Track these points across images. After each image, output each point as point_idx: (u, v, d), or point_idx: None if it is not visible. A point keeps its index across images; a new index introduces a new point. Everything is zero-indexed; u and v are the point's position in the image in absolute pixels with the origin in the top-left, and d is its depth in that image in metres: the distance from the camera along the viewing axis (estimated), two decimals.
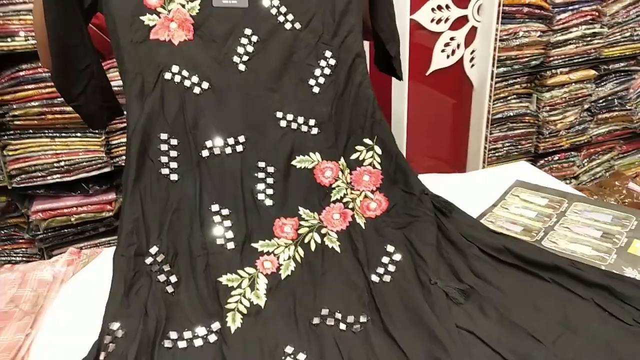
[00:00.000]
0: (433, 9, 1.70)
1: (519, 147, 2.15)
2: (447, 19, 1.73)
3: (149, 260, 0.81)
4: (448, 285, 0.80)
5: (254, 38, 0.94)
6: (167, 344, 0.73)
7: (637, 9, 2.04)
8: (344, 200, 0.92)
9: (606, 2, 1.99)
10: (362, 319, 0.76)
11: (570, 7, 1.94)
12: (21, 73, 1.47)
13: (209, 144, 0.90)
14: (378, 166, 0.96)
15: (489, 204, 1.06)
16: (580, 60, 2.05)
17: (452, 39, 1.76)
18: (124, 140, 1.60)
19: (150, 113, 0.88)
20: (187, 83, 0.90)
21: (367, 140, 0.97)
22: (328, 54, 0.96)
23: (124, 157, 1.61)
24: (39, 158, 1.56)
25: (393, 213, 0.93)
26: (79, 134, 1.57)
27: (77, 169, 1.60)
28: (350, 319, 0.76)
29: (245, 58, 0.93)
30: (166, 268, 0.81)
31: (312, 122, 0.95)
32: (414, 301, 0.78)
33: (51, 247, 1.68)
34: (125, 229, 0.82)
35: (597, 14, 1.99)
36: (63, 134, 1.56)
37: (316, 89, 0.96)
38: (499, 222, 0.99)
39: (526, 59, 1.98)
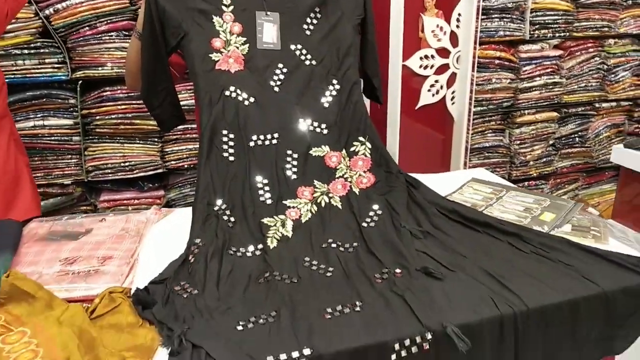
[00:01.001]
0: (421, 58, 2.18)
1: (495, 173, 2.56)
2: (432, 66, 2.20)
3: (216, 207, 1.23)
4: (412, 227, 1.21)
5: (284, 70, 1.38)
6: (230, 252, 1.13)
7: (590, 65, 2.52)
8: (345, 176, 1.34)
9: (563, 58, 2.47)
10: (354, 244, 1.17)
11: (533, 61, 2.42)
12: (105, 93, 1.93)
13: (254, 137, 1.32)
14: (368, 155, 1.38)
15: (451, 191, 1.47)
16: (544, 103, 2.51)
17: (436, 81, 2.23)
18: (176, 148, 2.06)
19: (215, 117, 1.31)
20: (240, 98, 1.34)
21: (361, 138, 1.40)
22: (334, 81, 1.41)
23: (173, 162, 2.06)
24: (110, 158, 2.00)
25: (378, 186, 1.35)
26: (141, 142, 2.02)
27: (137, 169, 2.04)
28: (347, 245, 1.17)
29: (278, 83, 1.38)
30: (227, 212, 1.23)
31: (323, 125, 1.38)
32: (389, 236, 1.19)
33: None
34: (201, 188, 1.24)
35: (556, 67, 2.47)
36: (130, 141, 2.01)
37: (326, 105, 1.40)
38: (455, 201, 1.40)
39: (499, 101, 2.44)
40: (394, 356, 0.88)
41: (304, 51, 1.40)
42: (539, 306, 0.97)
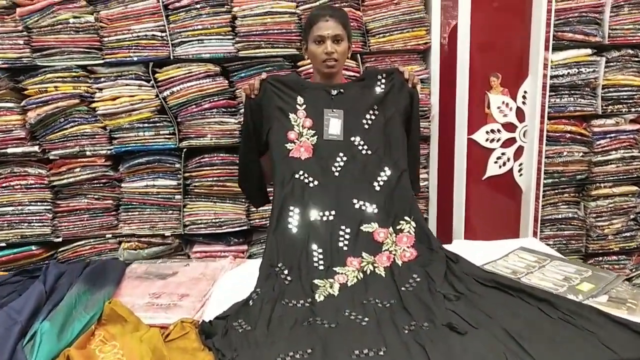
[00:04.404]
0: (487, 132, 2.31)
1: (569, 246, 2.54)
2: (498, 139, 2.32)
3: (276, 269, 1.45)
4: (447, 292, 1.33)
5: (344, 158, 1.61)
6: (283, 302, 1.33)
7: None
8: (390, 250, 1.50)
9: None
10: (392, 301, 1.31)
11: (608, 135, 2.43)
12: (203, 159, 2.28)
13: (315, 213, 1.55)
14: (412, 233, 1.54)
15: (496, 258, 1.57)
16: (623, 177, 2.47)
17: (503, 154, 2.33)
18: (260, 209, 2.33)
19: (286, 195, 1.56)
20: (306, 180, 1.58)
21: (407, 218, 1.56)
22: (386, 168, 1.60)
23: (257, 221, 2.34)
24: (204, 215, 2.32)
25: (419, 259, 1.48)
26: (231, 201, 2.33)
27: (226, 225, 2.34)
28: (385, 302, 1.32)
29: (338, 168, 1.60)
30: (285, 272, 1.44)
31: (374, 206, 1.57)
32: (422, 297, 1.32)
33: None
34: (267, 252, 1.48)
35: (634, 141, 2.44)
36: (221, 200, 2.33)
37: (377, 188, 1.59)
38: (497, 267, 1.50)
39: (572, 173, 2.46)
40: None
41: (361, 142, 1.63)
42: None
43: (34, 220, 2.25)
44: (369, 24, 2.24)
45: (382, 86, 1.66)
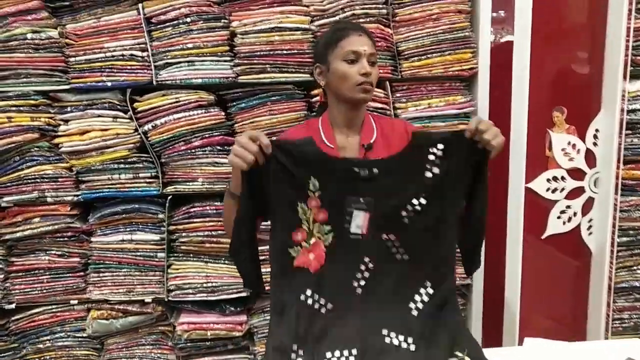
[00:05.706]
0: (549, 180, 1.85)
1: None
2: (562, 189, 1.86)
3: None
4: None
5: (370, 265, 1.13)
6: None
7: None
8: None
9: None
10: None
11: None
12: (193, 209, 1.84)
13: (328, 354, 1.08)
14: None
15: None
16: None
17: (568, 207, 1.87)
18: (263, 271, 1.86)
19: (287, 329, 1.10)
20: (316, 305, 1.12)
21: (458, 354, 1.08)
22: (428, 282, 1.13)
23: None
24: (193, 278, 1.88)
25: None
26: (227, 262, 1.88)
27: (220, 291, 1.88)
28: None
29: (362, 282, 1.13)
30: None
31: (410, 340, 1.09)
32: None
33: (187, 356, 1.92)
34: None
35: None
36: (215, 260, 1.88)
37: (415, 312, 1.12)
38: None
39: None
40: None
41: (397, 243, 1.14)
42: None
43: None
44: (400, 44, 1.81)
45: (437, 161, 1.12)
